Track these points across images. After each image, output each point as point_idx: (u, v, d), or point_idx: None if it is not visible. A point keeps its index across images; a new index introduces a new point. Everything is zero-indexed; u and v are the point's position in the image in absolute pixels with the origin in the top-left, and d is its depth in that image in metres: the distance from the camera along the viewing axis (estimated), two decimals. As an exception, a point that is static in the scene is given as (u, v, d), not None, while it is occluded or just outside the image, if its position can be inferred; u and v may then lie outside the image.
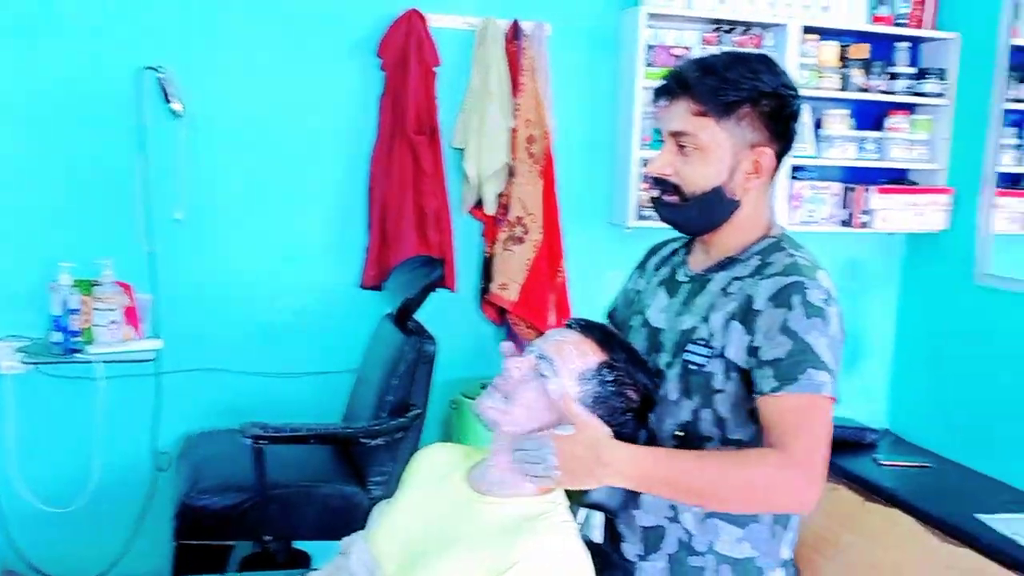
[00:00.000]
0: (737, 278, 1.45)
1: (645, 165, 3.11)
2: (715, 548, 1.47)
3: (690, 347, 1.45)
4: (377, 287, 3.01)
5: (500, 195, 3.03)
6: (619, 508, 1.53)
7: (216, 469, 2.55)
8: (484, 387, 1.41)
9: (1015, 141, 3.31)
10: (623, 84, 3.13)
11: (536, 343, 1.45)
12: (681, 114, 1.41)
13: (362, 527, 2.54)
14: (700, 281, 1.50)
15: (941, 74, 3.35)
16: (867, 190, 3.30)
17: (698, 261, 1.53)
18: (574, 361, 1.39)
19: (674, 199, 1.45)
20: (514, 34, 3.00)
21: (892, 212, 3.32)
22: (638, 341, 1.57)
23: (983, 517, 2.70)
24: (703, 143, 1.40)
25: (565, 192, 3.11)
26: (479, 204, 3.06)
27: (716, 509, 1.43)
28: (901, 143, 3.38)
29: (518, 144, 2.97)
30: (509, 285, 3.00)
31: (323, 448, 2.68)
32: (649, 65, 3.05)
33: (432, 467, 1.55)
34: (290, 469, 2.53)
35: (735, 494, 1.31)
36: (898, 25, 3.34)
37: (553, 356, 1.39)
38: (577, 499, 1.50)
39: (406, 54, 2.88)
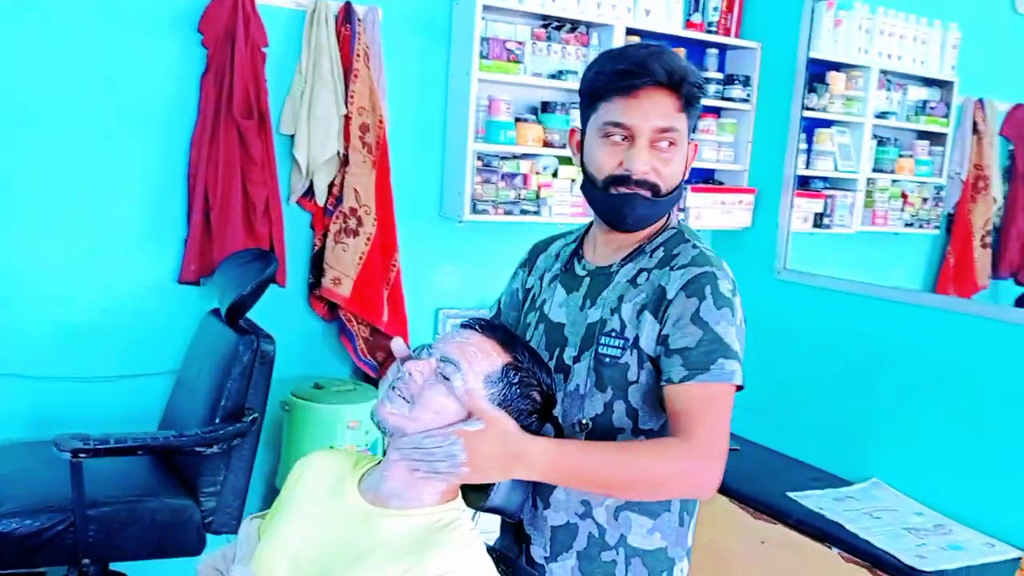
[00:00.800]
0: (644, 269, 1.46)
1: (481, 159, 3.09)
2: (627, 541, 1.48)
3: (603, 340, 1.45)
4: (196, 282, 2.78)
5: (331, 185, 2.90)
6: (518, 511, 1.50)
7: (19, 489, 2.25)
8: (319, 387, 1.32)
9: (805, 146, 3.61)
10: (457, 75, 3.09)
11: (435, 345, 1.38)
12: (666, 110, 1.38)
13: (195, 542, 2.36)
14: (604, 274, 1.50)
15: (746, 80, 3.57)
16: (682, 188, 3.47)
17: (600, 254, 1.53)
18: (479, 363, 1.34)
19: (647, 195, 1.41)
20: (346, 17, 2.87)
21: (704, 210, 3.51)
22: (536, 338, 1.55)
23: (792, 494, 2.92)
24: (679, 139, 1.40)
25: (397, 183, 3.03)
26: (307, 194, 2.92)
27: (623, 498, 1.44)
28: (710, 144, 3.57)
29: (351, 132, 2.86)
30: (342, 279, 2.88)
31: (142, 459, 2.45)
32: (484, 57, 3.02)
33: (318, 478, 1.45)
34: (108, 484, 2.28)
35: (643, 483, 1.32)
36: (708, 32, 3.53)
37: (457, 358, 1.33)
38: (475, 504, 1.45)
39: (231, 31, 2.67)
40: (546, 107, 3.19)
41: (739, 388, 1.39)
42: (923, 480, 2.96)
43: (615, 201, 1.42)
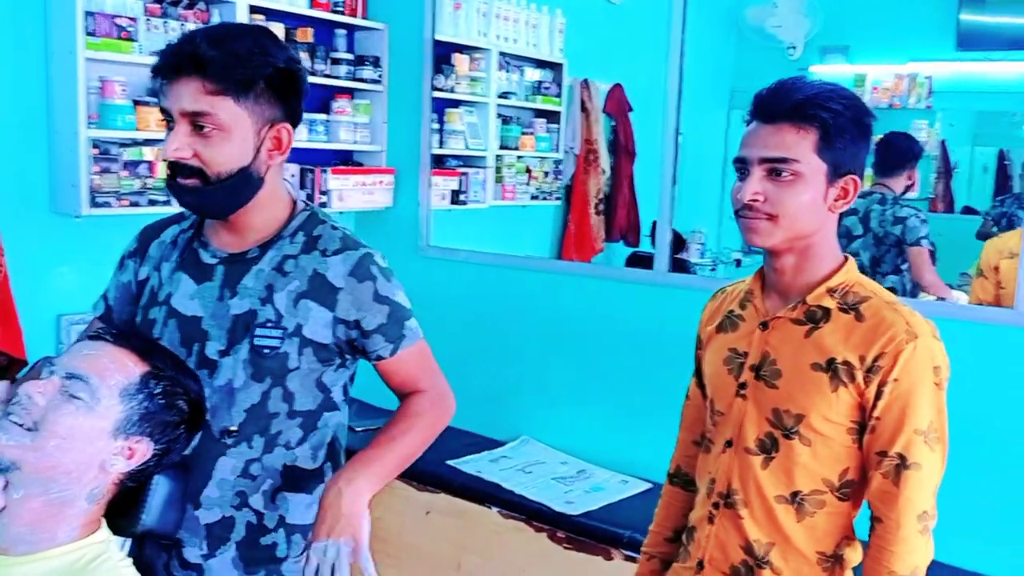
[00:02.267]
0: (289, 256, 1.45)
1: (97, 146, 2.80)
2: (287, 521, 1.48)
3: (259, 331, 1.41)
4: None
5: (-92, 182, 2.46)
6: (175, 529, 1.39)
7: None
8: None
9: (437, 125, 3.73)
10: (59, 54, 2.76)
11: (58, 361, 1.24)
12: (193, 93, 1.32)
13: None
14: (240, 262, 1.44)
15: (376, 62, 3.60)
16: (324, 171, 3.42)
17: (227, 240, 1.47)
18: (113, 376, 1.23)
19: (194, 182, 1.36)
20: (-91, -17, 2.44)
21: (346, 191, 3.50)
22: (168, 336, 1.44)
23: (451, 462, 3.04)
24: (224, 123, 1.34)
25: (-4, 177, 2.65)
26: None
27: (416, 456, 1.54)
28: (347, 126, 3.56)
29: (-70, 120, 2.44)
30: (-67, 292, 2.46)
31: None
32: (90, 34, 2.73)
33: None
34: None
35: (425, 439, 1.52)
36: (335, 12, 3.50)
37: (87, 373, 1.21)
38: (124, 531, 1.33)
39: None
40: (168, 89, 2.96)
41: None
42: (565, 432, 3.23)
43: (171, 191, 1.41)
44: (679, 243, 5.08)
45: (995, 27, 4.93)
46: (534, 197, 4.49)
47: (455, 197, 3.92)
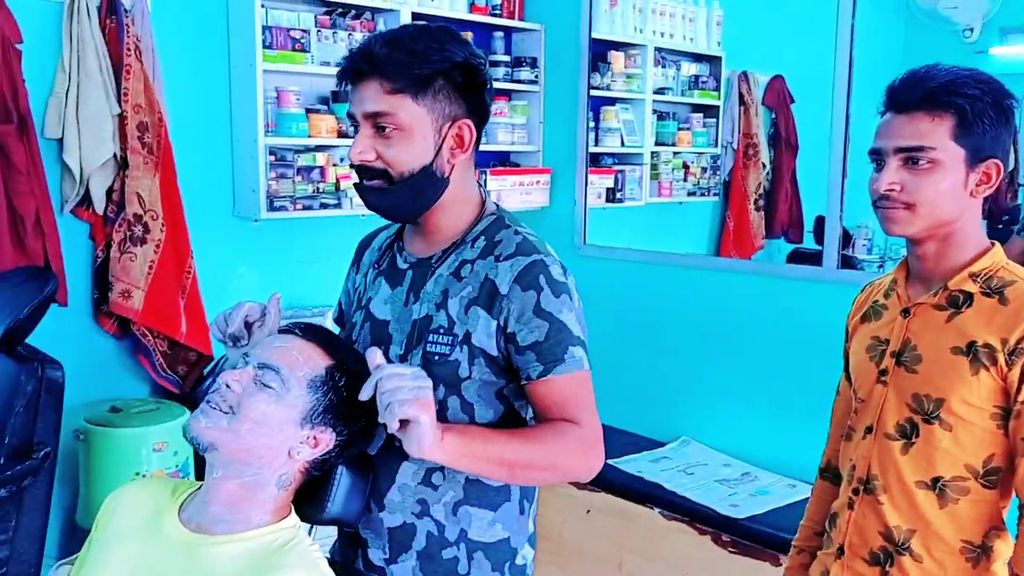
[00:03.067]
0: (467, 261, 1.42)
1: (274, 153, 2.96)
2: (468, 536, 1.45)
3: (432, 337, 1.41)
4: (-42, 308, 2.48)
5: (110, 191, 2.68)
6: (356, 519, 1.44)
7: None
8: (116, 410, 1.22)
9: (592, 124, 3.72)
10: (239, 66, 2.93)
11: (252, 352, 1.31)
12: (374, 95, 1.33)
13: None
14: (424, 267, 1.45)
15: (533, 62, 3.63)
16: (483, 172, 3.48)
17: (418, 246, 1.48)
18: (301, 367, 1.28)
19: (379, 183, 1.37)
20: (110, 8, 2.64)
21: (504, 192, 3.55)
22: (362, 338, 1.49)
23: (612, 461, 3.02)
24: (404, 122, 1.34)
25: (184, 184, 2.83)
26: (83, 202, 2.67)
27: (519, 482, 1.44)
28: (504, 127, 3.61)
29: (128, 132, 2.64)
30: (132, 292, 2.67)
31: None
32: (267, 47, 2.88)
33: (133, 512, 1.33)
34: None
35: (541, 465, 1.34)
36: (493, 15, 3.55)
37: (278, 364, 1.27)
38: (311, 518, 1.39)
39: (-24, 27, 2.39)
40: (337, 96, 3.09)
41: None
42: (727, 433, 3.15)
43: (359, 193, 1.43)
44: (845, 239, 4.88)
45: None
46: (691, 193, 4.41)
47: (611, 195, 3.90)
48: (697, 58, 4.39)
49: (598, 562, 2.92)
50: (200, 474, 2.67)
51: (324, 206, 3.04)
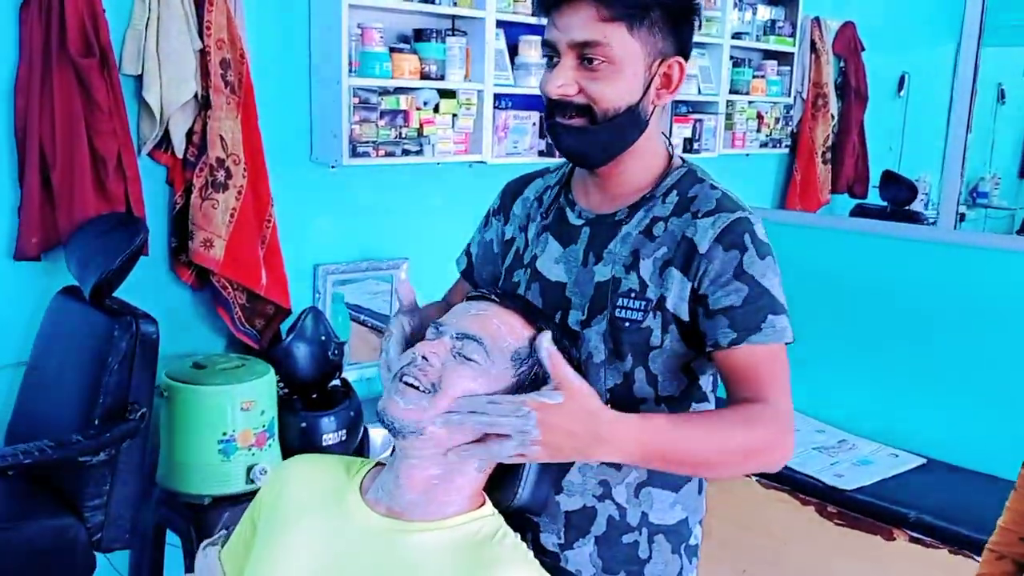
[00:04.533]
0: (659, 218, 1.28)
1: (357, 95, 2.77)
2: (649, 519, 1.35)
3: (621, 302, 1.27)
4: (37, 257, 2.33)
5: (190, 133, 2.50)
6: (543, 506, 1.31)
7: None
8: (199, 366, 1.05)
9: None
10: (322, 1, 2.73)
11: (447, 321, 1.16)
12: (585, 21, 1.19)
13: (83, 565, 2.01)
14: (607, 224, 1.31)
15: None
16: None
17: (595, 200, 1.34)
18: (505, 338, 1.14)
19: (580, 122, 1.23)
20: (189, -66, 2.44)
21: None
22: (532, 301, 1.35)
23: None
24: (615, 55, 1.19)
25: (263, 127, 2.65)
26: (161, 144, 2.50)
27: (707, 477, 1.32)
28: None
29: (211, 70, 2.46)
30: (214, 241, 2.51)
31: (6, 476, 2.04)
32: (353, -20, 2.68)
33: (311, 490, 1.20)
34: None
35: (734, 458, 1.17)
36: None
37: (479, 334, 1.12)
38: (503, 505, 1.26)
39: (52, -49, 2.20)
40: (420, 35, 2.90)
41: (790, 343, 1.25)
42: (817, 397, 3.03)
43: (551, 132, 1.28)
44: (911, 193, 4.72)
45: None
46: (763, 144, 4.24)
47: (687, 145, 3.73)
48: (773, 1, 4.18)
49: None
50: (286, 436, 2.56)
51: (406, 152, 2.87)
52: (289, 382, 2.61)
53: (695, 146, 3.72)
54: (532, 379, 1.15)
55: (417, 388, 1.10)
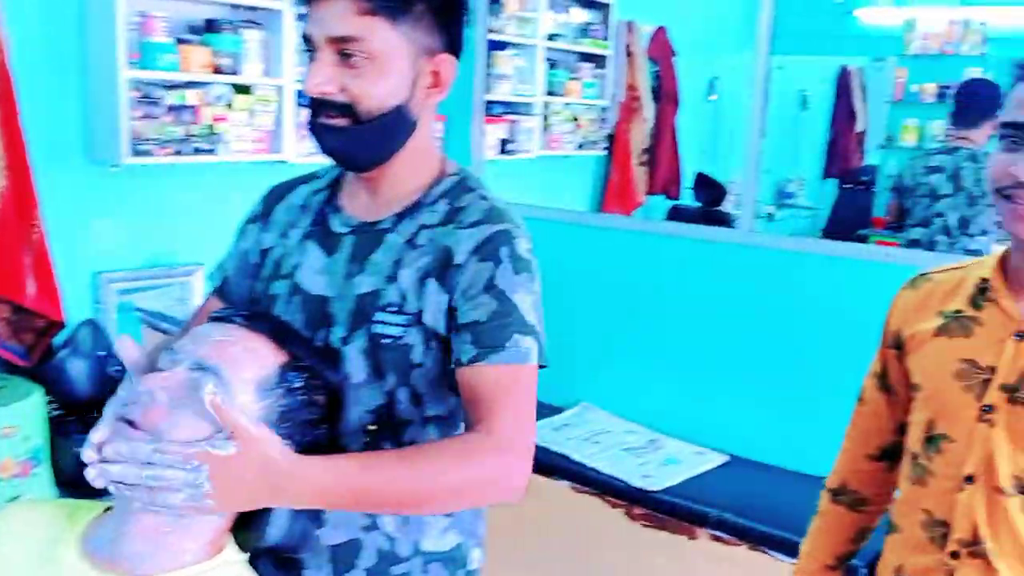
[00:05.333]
0: (426, 226, 1.20)
1: (138, 89, 2.55)
2: (421, 548, 1.27)
3: (380, 316, 1.19)
4: None
5: (-64, 127, 2.22)
6: (301, 543, 1.20)
7: None
8: None
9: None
10: (93, -14, 2.50)
11: (183, 348, 1.03)
12: (342, 14, 1.11)
13: None
14: (372, 232, 1.23)
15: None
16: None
17: (362, 206, 1.25)
18: (248, 367, 1.02)
19: (342, 121, 1.15)
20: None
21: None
22: (292, 316, 1.24)
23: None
24: (376, 50, 1.12)
25: (28, 123, 2.39)
26: (-99, 140, 2.21)
27: (420, 513, 1.21)
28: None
29: (-42, 57, 2.19)
30: (-33, 250, 2.24)
31: None
32: (129, -37, 2.47)
33: (24, 546, 1.04)
34: None
35: (443, 495, 1.08)
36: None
37: (216, 363, 1.00)
38: (248, 546, 1.14)
39: None
40: (212, 25, 2.71)
41: (541, 367, 1.18)
42: (628, 398, 3.06)
43: (313, 133, 1.19)
44: (721, 194, 4.88)
45: (1058, -30, 4.68)
46: (581, 146, 4.27)
47: (503, 147, 3.69)
48: (587, 3, 4.22)
49: (502, 539, 2.76)
50: (60, 463, 2.32)
51: (197, 151, 2.68)
52: (63, 402, 2.37)
53: (511, 147, 3.68)
54: (281, 412, 1.04)
55: (139, 429, 0.97)
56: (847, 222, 5.81)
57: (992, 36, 4.86)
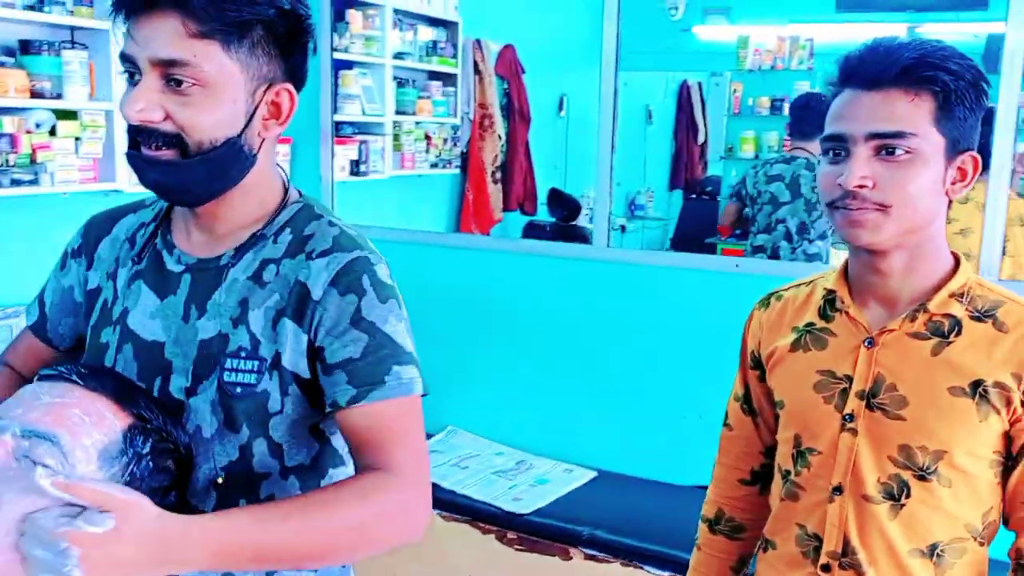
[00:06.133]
0: (270, 260, 1.11)
1: None
2: None
3: (230, 363, 1.08)
4: None
5: None
6: None
7: None
8: None
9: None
10: None
11: (8, 414, 0.91)
12: (170, 36, 1.00)
13: None
14: (211, 270, 1.12)
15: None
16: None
17: (198, 241, 1.14)
18: (90, 434, 0.91)
19: (169, 154, 1.03)
20: None
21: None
22: (125, 367, 1.13)
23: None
24: (208, 77, 1.02)
25: None
26: None
27: (324, 563, 1.10)
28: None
29: None
30: None
31: None
32: (-72, -21, 2.25)
33: None
34: None
35: (348, 542, 1.01)
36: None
37: (55, 431, 0.89)
38: None
39: None
40: (28, 47, 2.50)
41: (423, 395, 1.12)
42: (494, 420, 3.02)
43: (132, 165, 1.07)
44: (576, 209, 4.95)
45: (874, -11, 5.00)
46: (434, 165, 4.21)
47: (354, 168, 3.60)
48: (434, 22, 4.18)
49: (370, 574, 2.66)
50: None
51: (16, 183, 2.46)
52: None
53: (363, 168, 3.59)
54: (128, 481, 0.93)
55: None
56: (695, 231, 6.02)
57: (818, 51, 5.13)
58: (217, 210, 1.11)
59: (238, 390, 1.08)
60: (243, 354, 1.08)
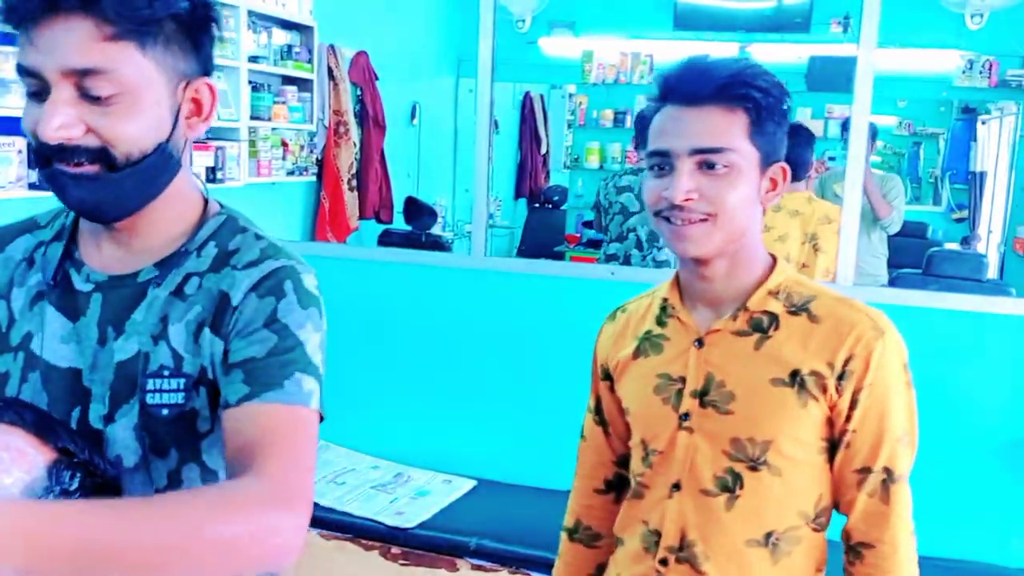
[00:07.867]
0: (193, 274, 1.05)
1: None
2: None
3: (152, 383, 1.01)
4: None
5: None
6: None
7: None
8: None
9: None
10: None
11: None
12: (81, 42, 0.92)
13: None
14: (128, 287, 1.04)
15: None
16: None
17: (111, 258, 1.06)
18: (10, 471, 0.84)
19: (93, 169, 0.95)
20: None
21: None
22: (33, 396, 1.03)
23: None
24: (128, 82, 0.94)
25: None
26: None
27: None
28: None
29: None
30: None
31: None
32: None
33: None
34: None
35: (201, 552, 0.83)
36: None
37: None
38: None
39: None
40: None
41: (321, 419, 1.03)
42: (369, 432, 2.97)
43: (52, 183, 0.99)
44: (433, 216, 4.94)
45: (709, 9, 5.29)
46: (290, 173, 4.10)
47: (210, 175, 3.44)
48: (288, 26, 4.07)
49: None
50: None
51: None
52: None
53: (219, 175, 3.45)
54: None
55: None
56: (542, 239, 6.16)
57: (657, 67, 5.36)
58: (137, 223, 1.03)
59: (164, 412, 1.00)
60: (166, 372, 1.01)
